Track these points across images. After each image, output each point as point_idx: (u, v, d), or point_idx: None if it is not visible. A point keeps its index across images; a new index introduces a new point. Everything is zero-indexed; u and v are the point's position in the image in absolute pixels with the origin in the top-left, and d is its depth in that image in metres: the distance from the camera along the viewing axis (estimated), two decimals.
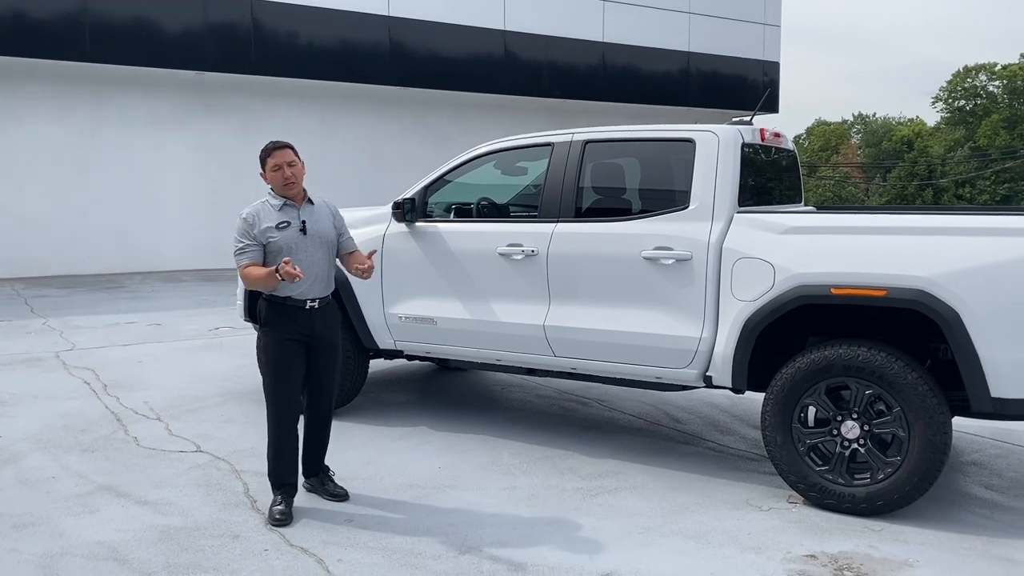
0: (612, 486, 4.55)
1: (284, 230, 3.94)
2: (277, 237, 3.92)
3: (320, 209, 4.10)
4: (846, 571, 3.55)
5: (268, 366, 4.00)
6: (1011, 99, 52.63)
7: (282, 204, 4.00)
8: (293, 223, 3.97)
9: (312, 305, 4.00)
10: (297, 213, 4.00)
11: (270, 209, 3.99)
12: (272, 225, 3.93)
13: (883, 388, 3.99)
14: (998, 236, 3.84)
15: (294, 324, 3.97)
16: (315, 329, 4.02)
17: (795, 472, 4.22)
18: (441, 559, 3.63)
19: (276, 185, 3.99)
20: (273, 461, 4.08)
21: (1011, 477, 4.74)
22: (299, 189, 4.02)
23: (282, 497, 4.04)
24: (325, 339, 4.08)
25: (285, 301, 3.96)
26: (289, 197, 4.00)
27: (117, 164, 14.97)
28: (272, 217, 3.96)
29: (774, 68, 20.83)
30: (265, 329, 4.01)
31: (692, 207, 4.57)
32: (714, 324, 4.48)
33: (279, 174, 3.96)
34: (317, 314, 4.03)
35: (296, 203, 4.02)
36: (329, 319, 4.12)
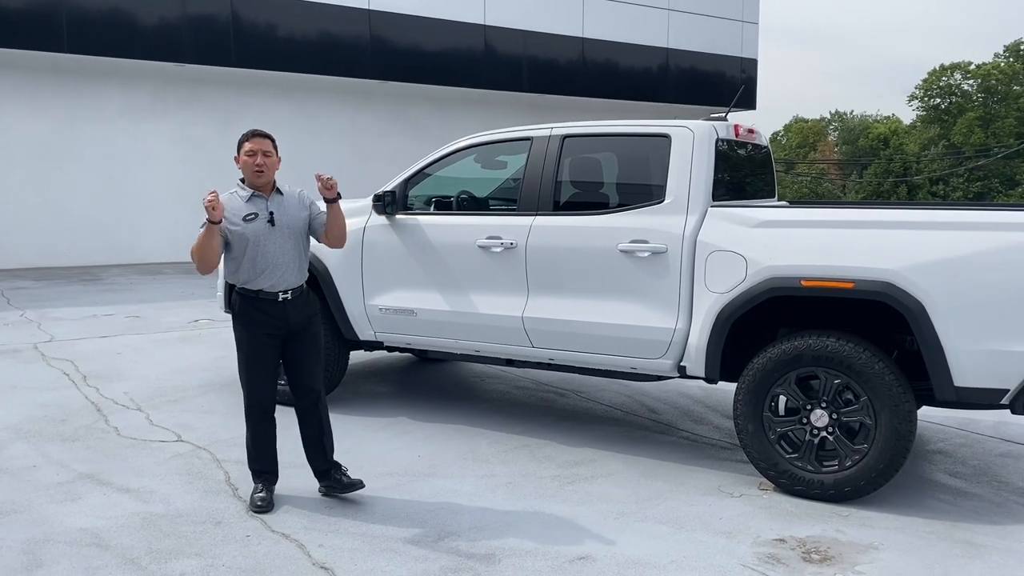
0: (588, 474, 4.64)
1: (251, 222, 3.90)
2: (244, 229, 3.88)
3: (289, 198, 4.05)
4: (813, 554, 3.67)
5: (242, 360, 3.99)
6: (985, 98, 53.31)
7: (250, 195, 3.96)
8: (261, 214, 3.93)
9: (285, 297, 3.97)
10: (265, 204, 3.96)
11: (238, 201, 3.95)
12: (239, 217, 3.89)
13: (851, 378, 4.11)
14: (961, 230, 3.96)
15: (268, 317, 3.94)
16: (290, 321, 3.99)
17: (766, 459, 4.34)
18: (420, 544, 3.71)
19: (246, 171, 3.95)
20: (251, 450, 4.11)
21: (974, 465, 4.89)
22: (268, 180, 3.98)
23: (262, 484, 4.08)
24: (302, 330, 4.05)
25: (257, 294, 3.94)
26: (257, 187, 3.97)
27: (95, 156, 14.87)
28: (239, 209, 3.92)
29: (752, 65, 21.02)
30: (238, 323, 3.99)
31: (667, 201, 4.67)
32: (688, 315, 4.58)
33: (251, 160, 3.93)
34: (291, 306, 3.99)
35: (264, 193, 3.98)
36: (304, 309, 4.07)
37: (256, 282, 3.92)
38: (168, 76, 15.19)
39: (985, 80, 53.46)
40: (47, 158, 14.52)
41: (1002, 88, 52.78)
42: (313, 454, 4.20)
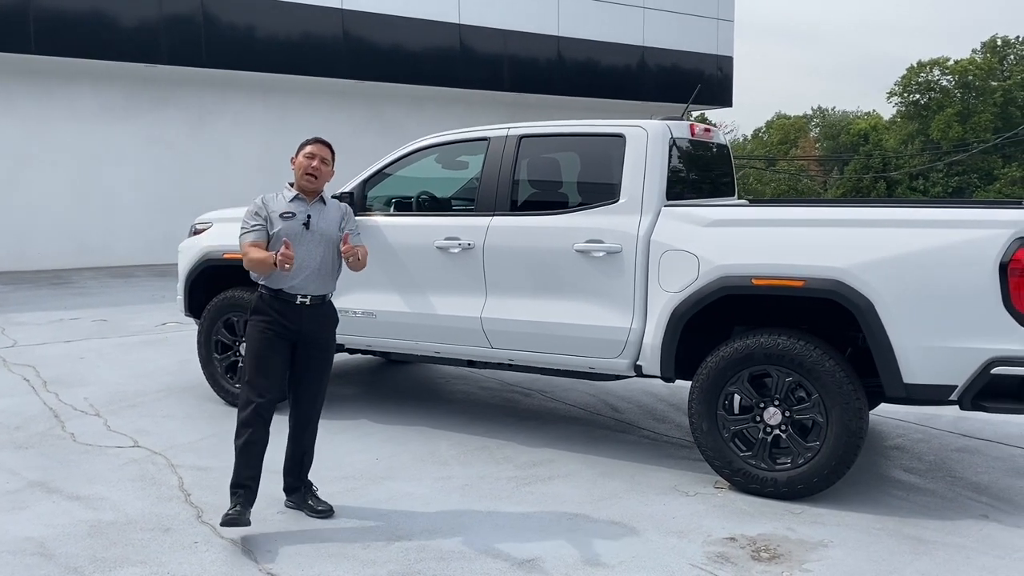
0: (546, 475, 4.63)
1: (288, 220, 3.88)
2: (280, 227, 3.87)
3: (331, 209, 4.03)
4: (763, 552, 3.68)
5: (250, 356, 3.88)
6: (963, 93, 53.72)
7: (294, 196, 3.95)
8: (298, 215, 3.90)
9: (303, 301, 3.88)
10: (306, 207, 3.94)
11: (282, 198, 3.96)
12: (278, 213, 3.89)
13: (802, 375, 4.13)
14: (908, 228, 3.99)
15: (281, 317, 3.86)
16: (303, 326, 3.89)
17: (720, 458, 4.35)
18: (369, 548, 3.69)
19: (299, 172, 3.95)
20: (237, 456, 3.84)
21: (930, 460, 4.92)
22: (317, 187, 3.97)
23: (238, 500, 3.78)
24: (314, 339, 3.94)
25: (277, 294, 3.87)
26: (305, 191, 3.95)
27: (66, 158, 14.71)
28: (280, 205, 3.92)
29: (728, 62, 21.09)
30: (253, 319, 3.91)
31: (622, 201, 4.67)
32: (643, 315, 4.58)
33: (308, 162, 3.92)
34: (308, 311, 3.90)
35: (308, 199, 3.96)
36: (322, 319, 3.97)
37: (279, 281, 3.85)
38: (141, 77, 15.06)
39: (962, 76, 53.88)
40: (18, 160, 14.36)
41: (979, 83, 53.21)
42: (290, 469, 4.10)
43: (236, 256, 5.70)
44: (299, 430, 4.07)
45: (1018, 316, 3.81)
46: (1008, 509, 4.17)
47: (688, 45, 20.26)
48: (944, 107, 53.43)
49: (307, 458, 4.11)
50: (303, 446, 4.09)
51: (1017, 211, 3.89)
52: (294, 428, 4.07)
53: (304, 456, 4.10)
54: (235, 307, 5.73)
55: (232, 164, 16.13)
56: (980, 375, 3.86)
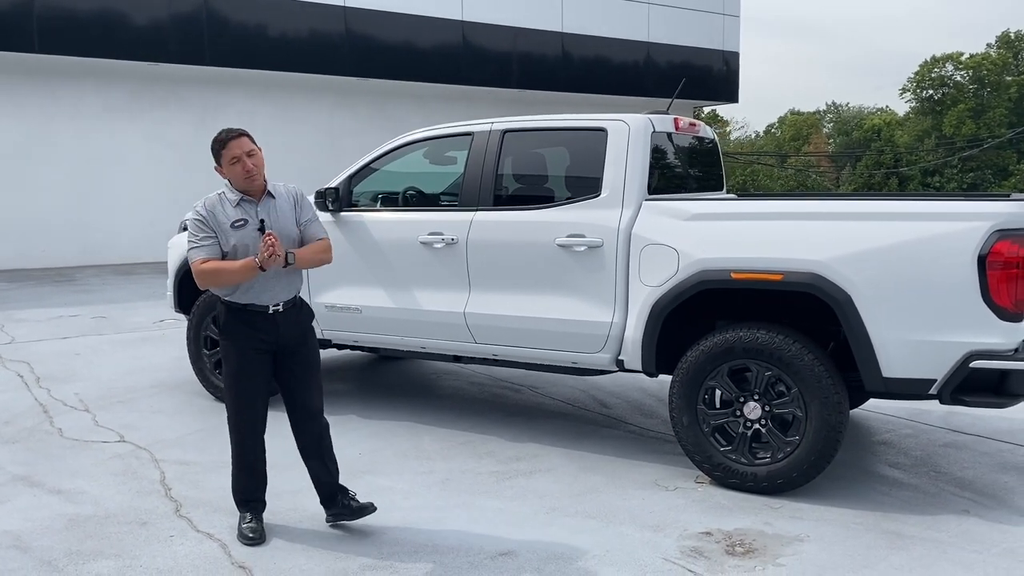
0: (527, 469, 4.63)
1: (240, 229, 3.55)
2: (232, 237, 3.55)
3: (281, 201, 3.68)
4: (738, 547, 3.66)
5: (229, 378, 3.66)
6: (977, 88, 53.26)
7: (239, 199, 3.60)
8: (250, 221, 3.57)
9: (276, 309, 3.61)
10: (255, 210, 3.60)
11: (226, 204, 3.60)
12: (228, 224, 3.56)
13: (782, 370, 4.10)
14: (887, 221, 3.95)
15: (257, 332, 3.60)
16: (281, 335, 3.64)
17: (700, 452, 4.33)
18: (344, 541, 3.70)
19: (236, 179, 3.58)
20: (237, 477, 3.77)
21: (916, 456, 4.88)
22: (260, 181, 3.62)
23: (251, 514, 3.74)
24: (294, 343, 3.70)
25: (246, 307, 3.59)
26: (249, 191, 3.62)
27: (70, 157, 14.82)
28: (228, 214, 3.57)
29: (734, 58, 20.99)
30: (225, 338, 3.66)
31: (604, 195, 4.66)
32: (624, 309, 4.57)
33: (238, 167, 3.55)
34: (282, 318, 3.64)
35: (255, 197, 3.63)
36: (298, 323, 3.73)
37: (245, 295, 3.57)
38: (144, 76, 15.14)
39: (976, 71, 53.41)
40: (22, 159, 14.48)
41: (993, 78, 52.73)
42: (317, 473, 3.82)
43: None
44: (310, 442, 3.78)
45: (997, 309, 3.77)
46: (990, 504, 4.13)
47: (694, 41, 20.18)
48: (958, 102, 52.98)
49: (331, 462, 3.83)
50: (320, 452, 3.80)
51: (995, 203, 3.85)
52: (304, 442, 3.79)
53: (325, 461, 3.81)
54: None
55: None
56: (959, 369, 3.82)
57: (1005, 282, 3.75)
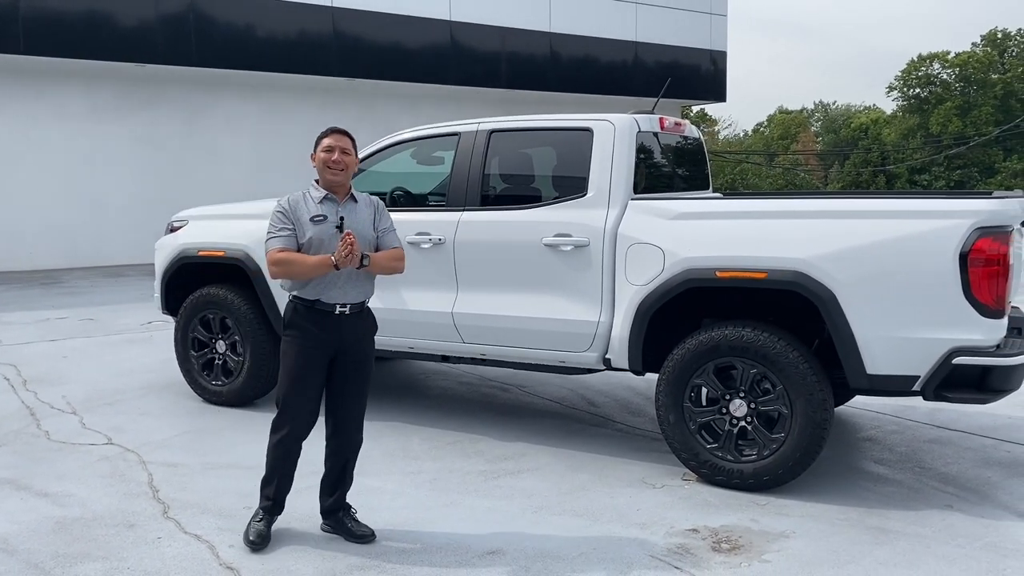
0: (515, 468, 4.65)
1: (319, 224, 3.59)
2: (310, 231, 3.57)
3: (362, 207, 3.73)
4: (723, 543, 3.69)
5: (285, 374, 3.65)
6: (964, 87, 53.59)
7: (323, 196, 3.65)
8: (330, 218, 3.61)
9: (343, 311, 3.61)
10: (336, 208, 3.64)
11: (309, 201, 3.65)
12: (307, 218, 3.60)
13: (767, 367, 4.13)
14: (870, 218, 3.99)
15: (320, 331, 3.60)
16: (343, 337, 3.63)
17: (687, 450, 4.36)
18: (333, 542, 3.71)
19: (321, 168, 3.64)
20: (272, 478, 3.72)
21: (901, 452, 4.92)
22: (343, 180, 3.67)
23: (264, 514, 3.72)
24: (354, 350, 3.69)
25: (313, 304, 3.59)
26: (331, 188, 3.66)
27: (56, 159, 14.75)
28: (310, 209, 3.62)
29: (721, 57, 21.07)
30: (288, 333, 3.65)
31: (590, 195, 4.68)
32: (611, 308, 4.59)
33: (328, 156, 3.62)
34: (347, 321, 3.63)
35: (338, 197, 3.67)
36: (361, 328, 3.72)
37: (315, 291, 3.58)
38: (131, 77, 15.08)
39: (963, 69, 53.75)
40: (8, 161, 14.40)
41: (979, 77, 53.06)
42: (328, 489, 3.81)
43: (212, 253, 5.78)
44: (341, 446, 3.78)
45: (978, 306, 3.81)
46: (973, 499, 4.17)
47: (681, 40, 20.24)
48: (944, 101, 53.30)
49: (348, 477, 3.83)
50: (344, 463, 3.80)
51: (977, 201, 3.89)
52: (335, 445, 3.78)
53: (344, 474, 3.81)
54: (211, 304, 5.75)
55: (223, 163, 16.16)
56: (942, 365, 3.87)
57: (986, 279, 3.80)
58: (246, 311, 5.62)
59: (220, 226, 5.88)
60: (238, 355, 5.70)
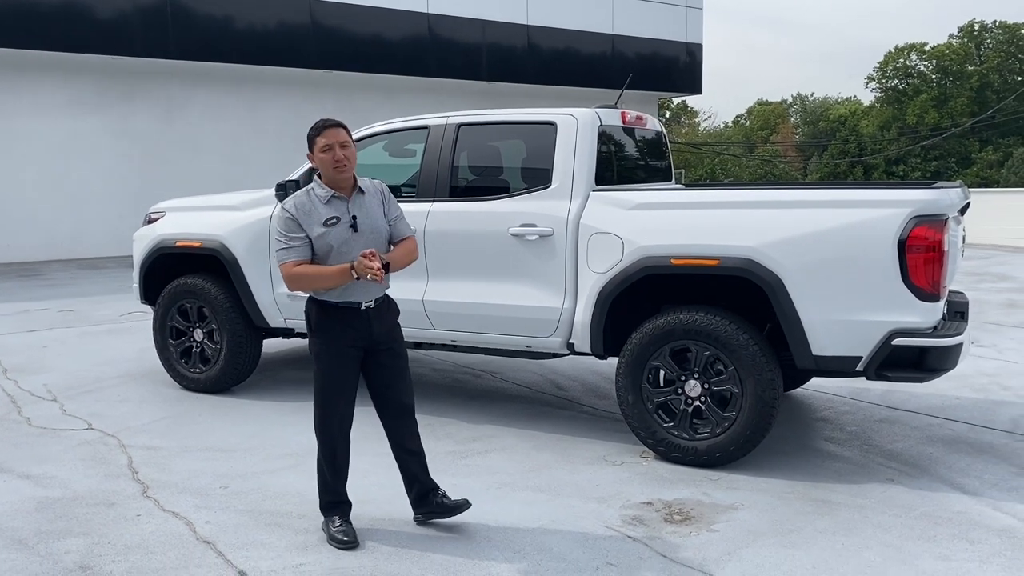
0: (483, 449, 4.84)
1: (333, 226, 3.49)
2: (325, 235, 3.48)
3: (371, 198, 3.63)
4: (675, 515, 3.91)
5: (320, 377, 3.63)
6: (940, 78, 54.21)
7: (330, 196, 3.53)
8: (343, 219, 3.51)
9: (368, 306, 3.58)
10: (347, 207, 3.54)
11: (317, 202, 3.52)
12: (319, 222, 3.49)
13: (719, 349, 4.35)
14: (815, 208, 4.21)
15: (349, 329, 3.56)
16: (373, 332, 3.61)
17: (645, 429, 4.57)
18: (305, 518, 3.89)
19: (325, 168, 3.52)
20: (326, 481, 3.73)
21: (851, 431, 5.16)
22: (350, 175, 3.55)
23: (339, 517, 3.70)
24: (385, 341, 3.67)
25: (338, 304, 3.55)
26: (338, 185, 3.54)
27: (34, 151, 14.76)
28: (320, 212, 3.51)
29: (697, 50, 21.30)
30: (317, 336, 3.61)
31: (553, 186, 4.87)
32: (574, 295, 4.79)
33: (329, 155, 3.48)
34: (374, 315, 3.61)
35: (345, 194, 3.56)
36: (388, 319, 3.70)
37: (341, 294, 3.52)
38: (108, 69, 15.10)
39: (940, 61, 54.36)
40: None
41: (956, 68, 53.68)
42: (414, 472, 3.81)
43: (189, 244, 5.93)
44: (404, 440, 3.80)
45: (916, 290, 4.04)
46: (914, 473, 4.41)
47: (657, 33, 20.46)
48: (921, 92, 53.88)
49: (423, 463, 3.83)
50: (414, 454, 3.81)
51: (914, 191, 4.12)
52: (397, 440, 3.80)
53: (420, 463, 3.82)
54: (188, 294, 5.90)
55: (202, 156, 16.21)
56: (882, 346, 4.10)
57: (923, 265, 4.03)
58: (222, 300, 5.77)
59: (197, 217, 6.03)
60: (215, 343, 5.86)
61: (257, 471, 4.48)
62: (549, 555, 3.52)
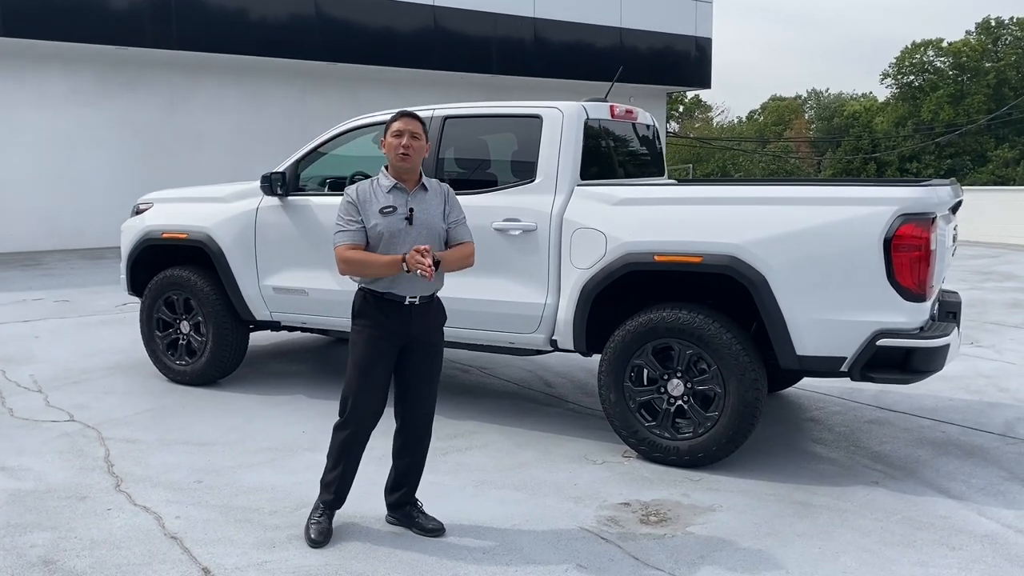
0: (464, 445, 4.79)
1: (388, 215, 3.48)
2: (379, 223, 3.47)
3: (432, 196, 3.61)
4: (652, 516, 3.84)
5: (353, 365, 3.57)
6: (957, 75, 53.66)
7: (392, 186, 3.53)
8: (399, 209, 3.49)
9: (412, 301, 3.53)
10: (406, 199, 3.52)
11: (378, 190, 3.53)
12: (376, 209, 3.49)
13: (702, 348, 4.27)
14: (800, 205, 4.13)
15: (389, 321, 3.52)
16: (412, 329, 3.56)
17: (627, 428, 4.50)
18: (276, 514, 3.85)
19: (391, 153, 3.52)
20: (334, 473, 3.63)
21: (840, 432, 5.08)
22: (414, 166, 3.54)
23: (324, 510, 3.63)
24: (424, 341, 3.61)
25: (384, 295, 3.51)
26: (401, 175, 3.54)
27: (36, 141, 14.78)
28: (379, 199, 3.50)
29: (706, 44, 21.12)
30: (357, 323, 3.57)
31: (538, 180, 4.80)
32: (557, 291, 4.72)
33: (398, 141, 3.49)
34: (417, 312, 3.56)
35: (407, 186, 3.55)
36: (431, 320, 3.65)
37: (385, 284, 3.49)
38: (111, 60, 15.10)
39: (956, 57, 53.81)
40: None
41: (973, 65, 53.12)
42: (397, 484, 3.77)
43: (175, 235, 5.90)
44: (411, 441, 3.74)
45: (901, 290, 3.95)
46: (899, 476, 4.33)
47: (666, 26, 20.29)
48: (938, 88, 53.37)
49: (417, 472, 3.79)
50: (414, 459, 3.77)
51: (901, 189, 4.02)
52: (405, 439, 3.73)
53: (415, 470, 3.78)
54: (175, 285, 5.87)
55: (204, 147, 16.20)
56: (867, 347, 4.01)
57: (909, 264, 3.93)
58: (208, 292, 5.74)
59: (183, 209, 6.00)
60: (201, 335, 5.83)
61: (233, 465, 4.44)
62: (519, 556, 3.46)
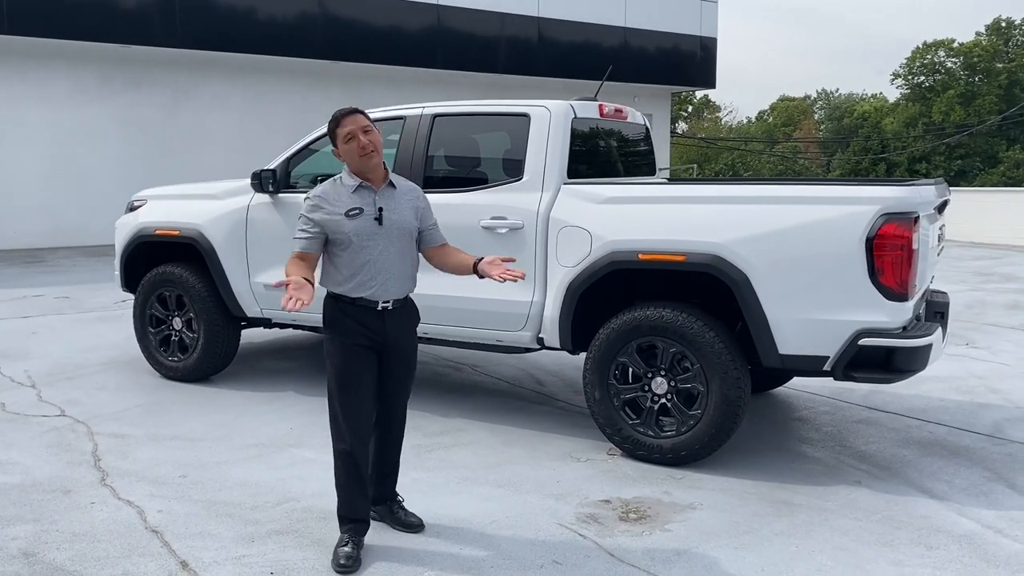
0: (450, 443, 4.80)
1: (355, 218, 3.31)
2: (346, 226, 3.31)
3: (402, 194, 3.46)
4: (631, 514, 3.85)
5: (334, 377, 3.41)
6: (968, 75, 53.37)
7: (357, 186, 3.35)
8: (367, 210, 3.33)
9: (385, 306, 3.40)
10: (373, 198, 3.36)
11: (342, 191, 3.35)
12: (342, 212, 3.31)
13: (685, 346, 4.28)
14: (782, 204, 4.12)
15: (363, 327, 3.38)
16: (388, 333, 3.43)
17: (611, 425, 4.51)
18: (257, 509, 3.87)
19: (351, 158, 3.33)
20: (345, 492, 3.48)
21: (827, 431, 5.07)
22: (378, 161, 3.36)
23: (350, 536, 3.41)
24: (398, 344, 3.49)
25: (355, 301, 3.37)
26: (367, 175, 3.36)
27: (40, 139, 14.87)
28: (343, 201, 3.33)
29: (712, 44, 21.08)
30: (330, 332, 3.42)
31: (525, 179, 4.81)
32: (543, 289, 4.73)
33: (353, 144, 3.29)
34: (390, 316, 3.43)
35: (374, 185, 3.37)
36: (405, 323, 3.54)
37: (356, 288, 3.36)
38: (115, 57, 15.17)
39: (967, 58, 53.53)
40: None
41: (984, 65, 52.83)
42: (376, 480, 3.66)
43: (168, 232, 5.93)
44: (385, 441, 3.66)
45: (883, 289, 3.95)
46: (883, 476, 4.32)
47: (671, 26, 20.26)
48: (949, 89, 53.09)
49: (394, 470, 3.74)
50: (389, 457, 3.70)
51: (884, 188, 4.02)
52: (379, 439, 3.64)
53: (391, 468, 3.72)
54: (168, 282, 5.90)
55: (208, 145, 16.26)
56: (849, 346, 4.01)
57: (891, 263, 3.93)
58: (200, 289, 5.77)
59: (176, 206, 6.03)
60: (193, 332, 5.86)
61: (219, 460, 4.47)
62: (496, 552, 3.48)
